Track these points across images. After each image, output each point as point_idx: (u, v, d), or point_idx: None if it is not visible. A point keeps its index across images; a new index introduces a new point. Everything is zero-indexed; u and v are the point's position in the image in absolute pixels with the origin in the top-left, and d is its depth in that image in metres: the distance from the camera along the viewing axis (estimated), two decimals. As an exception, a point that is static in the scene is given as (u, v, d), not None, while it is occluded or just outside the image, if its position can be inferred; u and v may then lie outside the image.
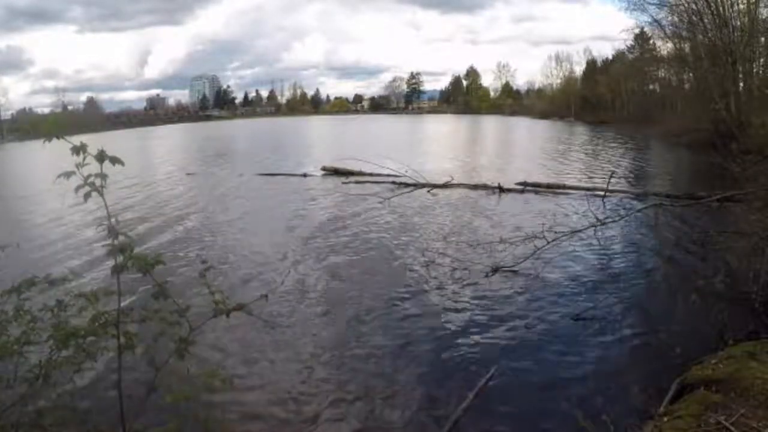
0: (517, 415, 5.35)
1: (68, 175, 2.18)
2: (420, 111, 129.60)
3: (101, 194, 2.21)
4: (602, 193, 15.82)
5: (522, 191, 17.56)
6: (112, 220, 2.29)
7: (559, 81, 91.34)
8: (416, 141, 47.12)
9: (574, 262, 9.93)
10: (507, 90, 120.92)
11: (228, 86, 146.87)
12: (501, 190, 17.60)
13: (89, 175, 2.18)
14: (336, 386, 6.00)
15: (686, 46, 35.03)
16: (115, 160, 2.22)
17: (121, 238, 2.29)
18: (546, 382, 5.88)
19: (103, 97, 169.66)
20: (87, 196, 2.20)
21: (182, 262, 10.34)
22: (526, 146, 40.53)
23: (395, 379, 6.13)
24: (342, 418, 5.43)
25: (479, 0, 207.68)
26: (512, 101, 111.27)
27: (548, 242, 9.49)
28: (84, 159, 2.17)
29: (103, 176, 2.19)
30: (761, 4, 27.35)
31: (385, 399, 5.73)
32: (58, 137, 2.24)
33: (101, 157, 2.17)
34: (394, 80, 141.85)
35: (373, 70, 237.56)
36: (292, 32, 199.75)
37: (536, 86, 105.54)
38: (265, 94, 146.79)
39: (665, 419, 4.27)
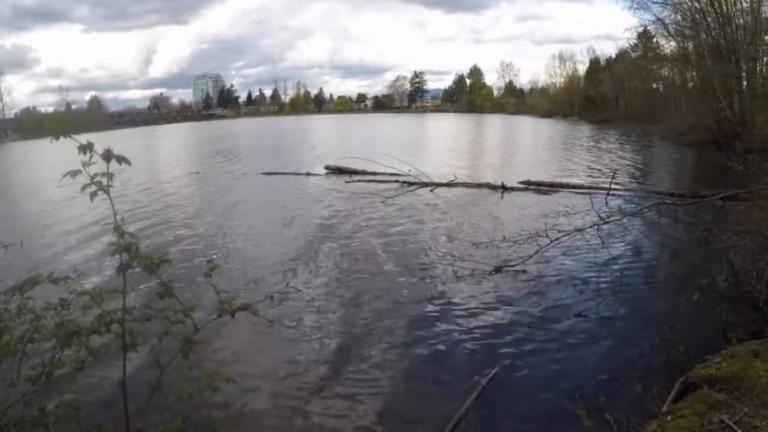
0: (520, 413, 5.35)
1: (74, 174, 2.18)
2: (423, 110, 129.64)
3: (108, 193, 2.20)
4: (605, 191, 15.76)
5: (525, 190, 17.54)
6: (118, 218, 2.29)
7: (562, 80, 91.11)
8: (420, 140, 47.12)
9: (577, 261, 9.92)
10: (510, 89, 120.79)
11: (232, 85, 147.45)
12: (504, 188, 17.58)
13: (95, 174, 2.17)
14: (338, 386, 6.01)
15: (689, 45, 34.93)
16: (121, 159, 2.22)
17: (127, 237, 2.29)
18: (549, 381, 5.88)
19: (108, 96, 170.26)
20: (93, 195, 2.19)
21: (187, 262, 10.35)
22: (529, 145, 40.54)
23: (398, 378, 6.14)
24: (344, 417, 5.44)
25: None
26: (515, 100, 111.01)
27: (551, 241, 9.48)
28: (90, 158, 2.16)
29: (109, 175, 2.19)
30: (765, 3, 27.26)
31: (388, 398, 5.74)
32: (65, 136, 2.24)
33: (108, 156, 2.16)
34: (398, 79, 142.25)
35: (376, 69, 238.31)
36: (296, 32, 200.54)
37: (539, 85, 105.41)
38: (268, 93, 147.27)
39: (668, 418, 4.26)
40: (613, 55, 73.67)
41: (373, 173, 21.02)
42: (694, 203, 12.26)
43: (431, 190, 17.93)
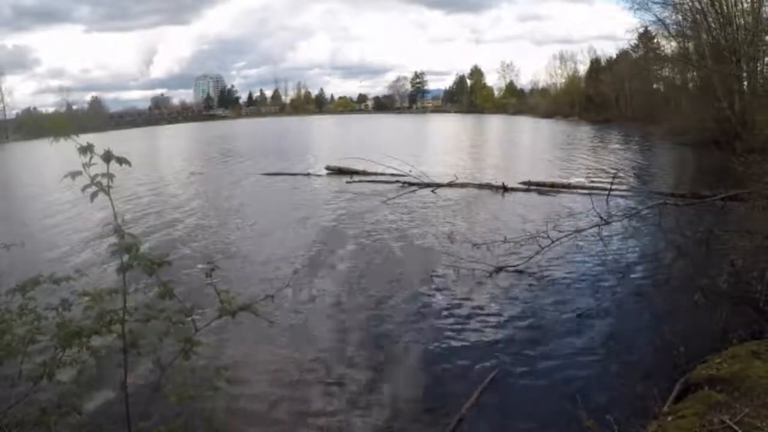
0: (521, 413, 5.35)
1: (75, 175, 2.18)
2: (424, 110, 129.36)
3: (108, 194, 2.21)
4: (606, 192, 15.76)
5: (526, 190, 17.54)
6: (119, 219, 2.29)
7: (563, 80, 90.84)
8: (421, 140, 47.09)
9: (578, 262, 9.92)
10: (511, 89, 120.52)
11: (232, 86, 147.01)
12: (505, 189, 17.58)
13: (96, 175, 2.18)
14: (340, 385, 6.01)
15: (690, 45, 34.89)
16: (121, 161, 2.23)
17: (128, 237, 2.29)
18: (550, 381, 5.89)
19: (108, 96, 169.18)
20: (94, 196, 2.20)
21: (188, 262, 10.35)
22: (529, 145, 40.50)
23: (399, 378, 6.14)
24: (346, 417, 5.44)
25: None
26: (516, 100, 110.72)
27: (552, 241, 9.48)
28: (90, 159, 2.17)
29: (109, 176, 2.19)
30: (765, 3, 27.22)
31: (389, 398, 5.73)
32: (65, 138, 2.24)
33: (107, 157, 2.17)
34: (398, 80, 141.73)
35: (377, 70, 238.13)
36: (297, 32, 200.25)
37: (540, 85, 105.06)
38: (269, 93, 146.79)
39: (669, 419, 4.26)
40: (614, 56, 73.59)
41: (374, 174, 21.01)
42: (695, 203, 12.26)
43: (432, 191, 17.93)
